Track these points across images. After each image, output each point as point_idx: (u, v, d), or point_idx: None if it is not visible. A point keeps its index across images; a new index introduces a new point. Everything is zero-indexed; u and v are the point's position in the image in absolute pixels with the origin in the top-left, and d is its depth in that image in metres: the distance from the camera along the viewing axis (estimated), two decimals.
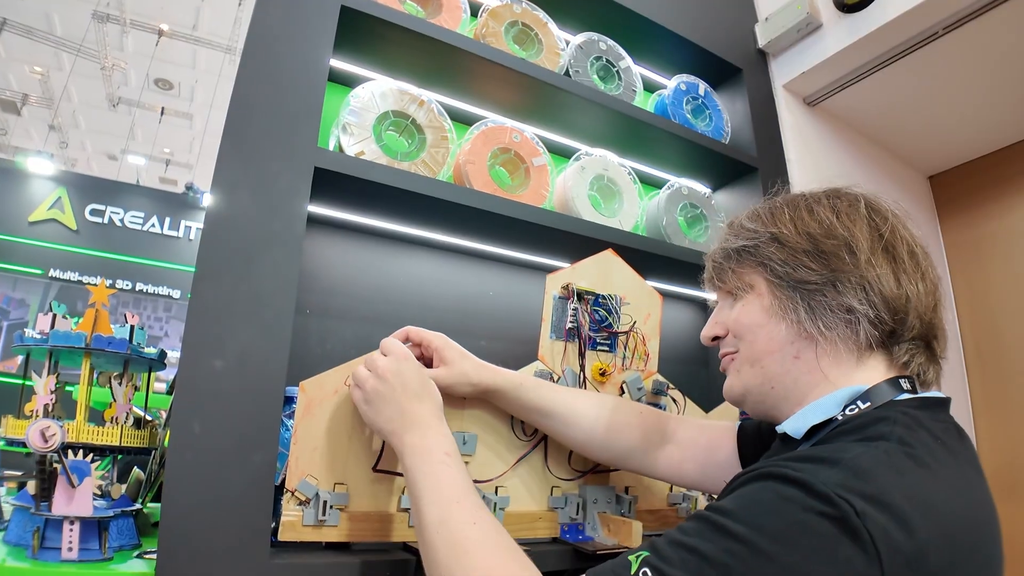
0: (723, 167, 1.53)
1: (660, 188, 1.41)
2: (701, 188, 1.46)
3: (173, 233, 7.16)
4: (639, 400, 1.03)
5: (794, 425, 0.60)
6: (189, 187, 7.28)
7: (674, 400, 1.05)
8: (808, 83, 1.93)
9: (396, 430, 0.69)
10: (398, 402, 0.70)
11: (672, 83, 1.53)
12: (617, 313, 1.00)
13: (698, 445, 0.85)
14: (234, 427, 0.71)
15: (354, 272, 1.05)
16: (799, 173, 1.72)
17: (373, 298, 1.06)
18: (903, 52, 1.77)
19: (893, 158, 2.35)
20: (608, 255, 1.02)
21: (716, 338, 0.71)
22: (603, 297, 0.99)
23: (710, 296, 1.47)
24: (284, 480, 0.75)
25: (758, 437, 0.80)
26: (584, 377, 0.94)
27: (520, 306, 1.22)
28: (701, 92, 1.60)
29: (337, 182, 0.90)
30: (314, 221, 1.02)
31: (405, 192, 0.93)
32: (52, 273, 6.64)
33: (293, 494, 0.75)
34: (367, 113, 1.01)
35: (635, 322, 1.01)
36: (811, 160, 1.83)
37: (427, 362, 0.83)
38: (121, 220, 7.05)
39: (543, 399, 0.85)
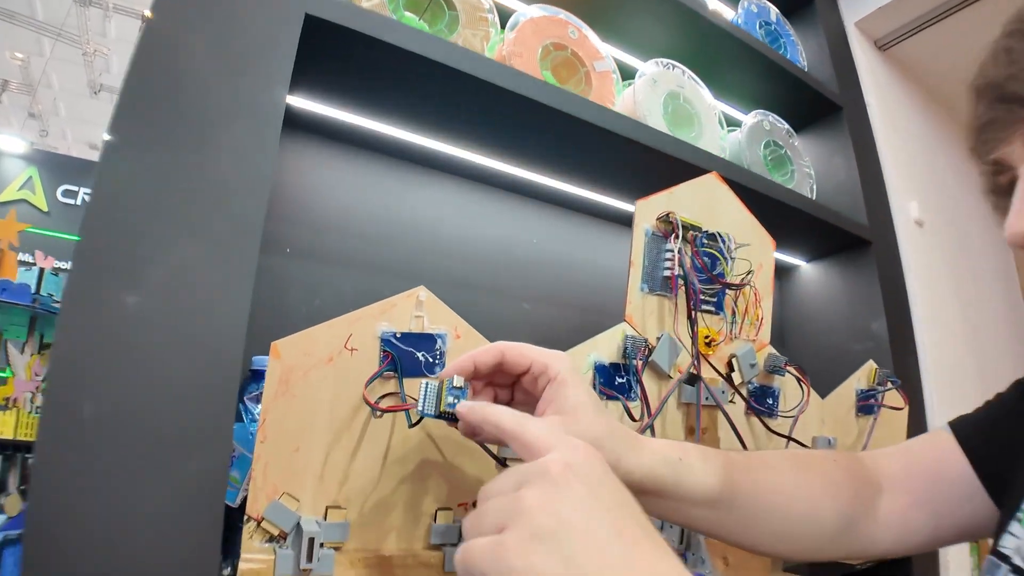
0: (804, 103, 1.25)
1: (727, 124, 1.14)
2: (782, 124, 1.17)
3: None
4: (749, 383, 0.75)
5: None
6: None
7: (799, 381, 0.77)
8: (881, 23, 1.67)
9: None
10: (591, 535, 0.31)
11: (743, 4, 1.25)
12: (730, 259, 0.71)
13: (914, 477, 0.55)
14: (156, 410, 0.41)
15: (354, 201, 0.76)
16: (880, 120, 1.45)
17: (379, 237, 0.77)
18: None
19: (952, 120, 2.11)
20: (712, 180, 0.74)
21: None
22: (710, 235, 0.71)
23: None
24: (245, 501, 0.46)
25: (991, 426, 0.53)
26: (695, 349, 0.65)
27: (575, 259, 0.93)
28: (773, 19, 1.31)
29: (335, 50, 0.60)
30: (300, 125, 0.72)
31: (430, 70, 0.63)
32: (21, 256, 6.25)
33: (259, 524, 0.45)
34: None
35: (750, 272, 0.72)
36: (887, 107, 1.56)
37: (504, 400, 0.49)
38: None
39: (718, 476, 0.48)
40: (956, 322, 1.51)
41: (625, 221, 0.99)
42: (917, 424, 1.12)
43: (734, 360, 0.72)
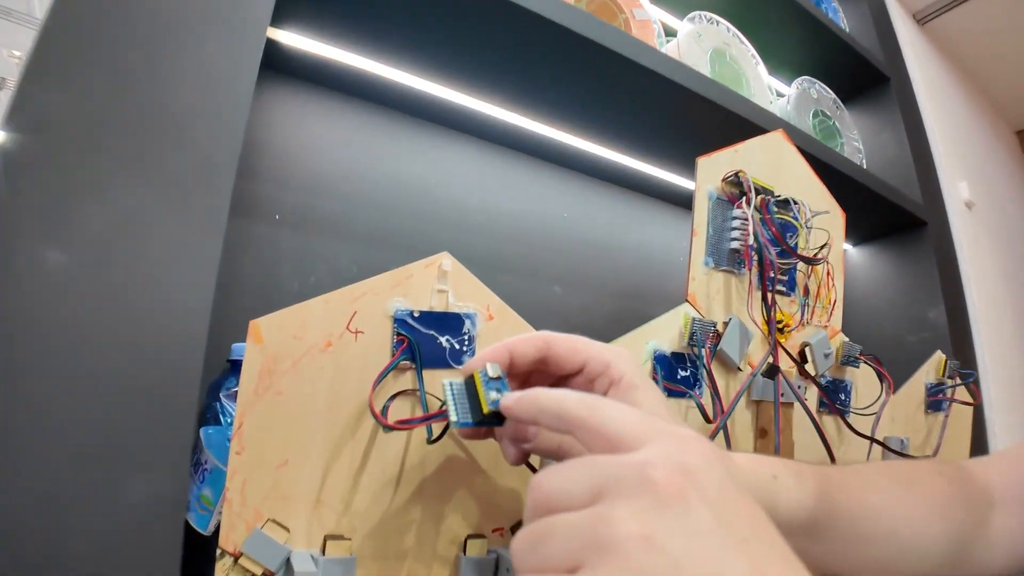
0: (849, 73, 1.14)
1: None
2: (829, 93, 1.06)
3: None
4: (822, 376, 0.64)
5: None
6: None
7: (880, 375, 0.66)
8: None
9: None
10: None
11: None
12: (806, 228, 0.60)
13: None
14: (86, 411, 0.30)
15: (357, 162, 0.64)
16: (925, 95, 1.34)
17: (386, 205, 0.65)
18: None
19: (986, 102, 2.01)
20: (779, 139, 0.62)
21: None
22: (782, 202, 0.59)
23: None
24: (218, 531, 0.34)
25: None
26: (773, 337, 0.54)
27: (612, 237, 0.81)
28: None
29: None
30: (294, 69, 0.61)
31: None
32: None
33: (237, 561, 0.34)
34: None
35: (826, 246, 0.61)
36: (931, 82, 1.45)
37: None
38: None
39: (815, 497, 0.37)
40: (1008, 311, 1.40)
41: (666, 195, 0.88)
42: (978, 423, 1.02)
43: (807, 350, 0.61)
